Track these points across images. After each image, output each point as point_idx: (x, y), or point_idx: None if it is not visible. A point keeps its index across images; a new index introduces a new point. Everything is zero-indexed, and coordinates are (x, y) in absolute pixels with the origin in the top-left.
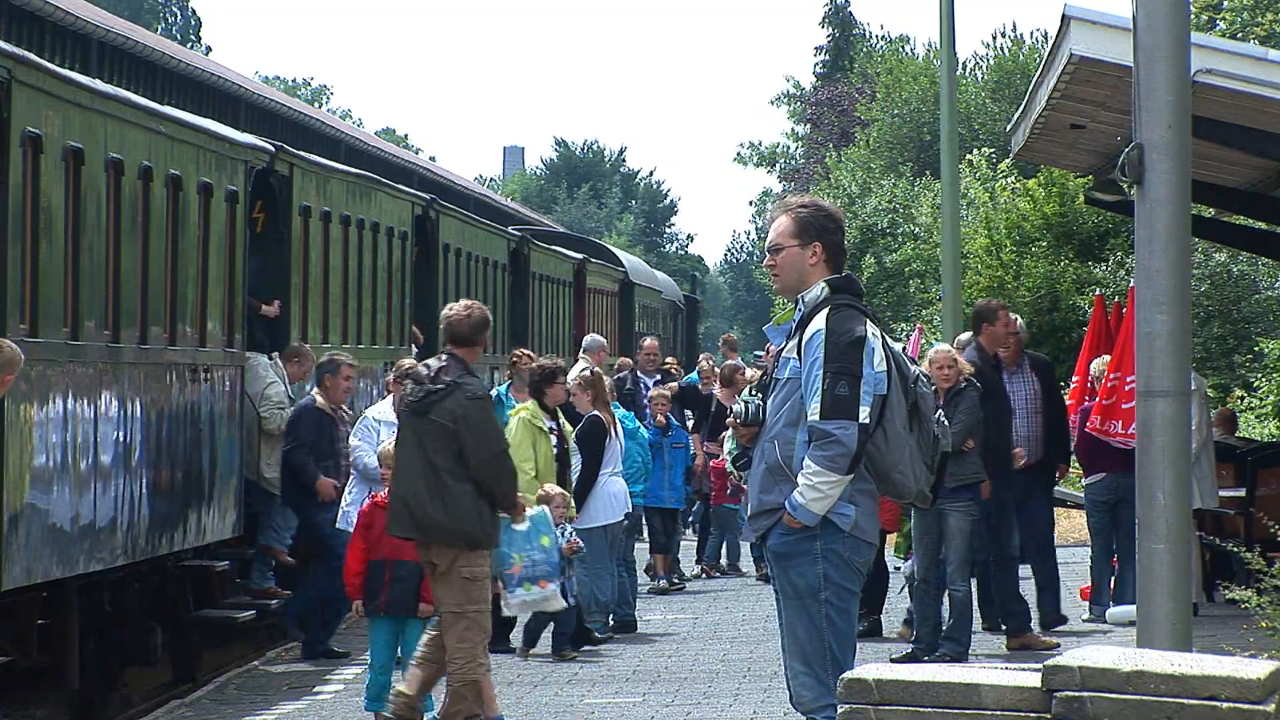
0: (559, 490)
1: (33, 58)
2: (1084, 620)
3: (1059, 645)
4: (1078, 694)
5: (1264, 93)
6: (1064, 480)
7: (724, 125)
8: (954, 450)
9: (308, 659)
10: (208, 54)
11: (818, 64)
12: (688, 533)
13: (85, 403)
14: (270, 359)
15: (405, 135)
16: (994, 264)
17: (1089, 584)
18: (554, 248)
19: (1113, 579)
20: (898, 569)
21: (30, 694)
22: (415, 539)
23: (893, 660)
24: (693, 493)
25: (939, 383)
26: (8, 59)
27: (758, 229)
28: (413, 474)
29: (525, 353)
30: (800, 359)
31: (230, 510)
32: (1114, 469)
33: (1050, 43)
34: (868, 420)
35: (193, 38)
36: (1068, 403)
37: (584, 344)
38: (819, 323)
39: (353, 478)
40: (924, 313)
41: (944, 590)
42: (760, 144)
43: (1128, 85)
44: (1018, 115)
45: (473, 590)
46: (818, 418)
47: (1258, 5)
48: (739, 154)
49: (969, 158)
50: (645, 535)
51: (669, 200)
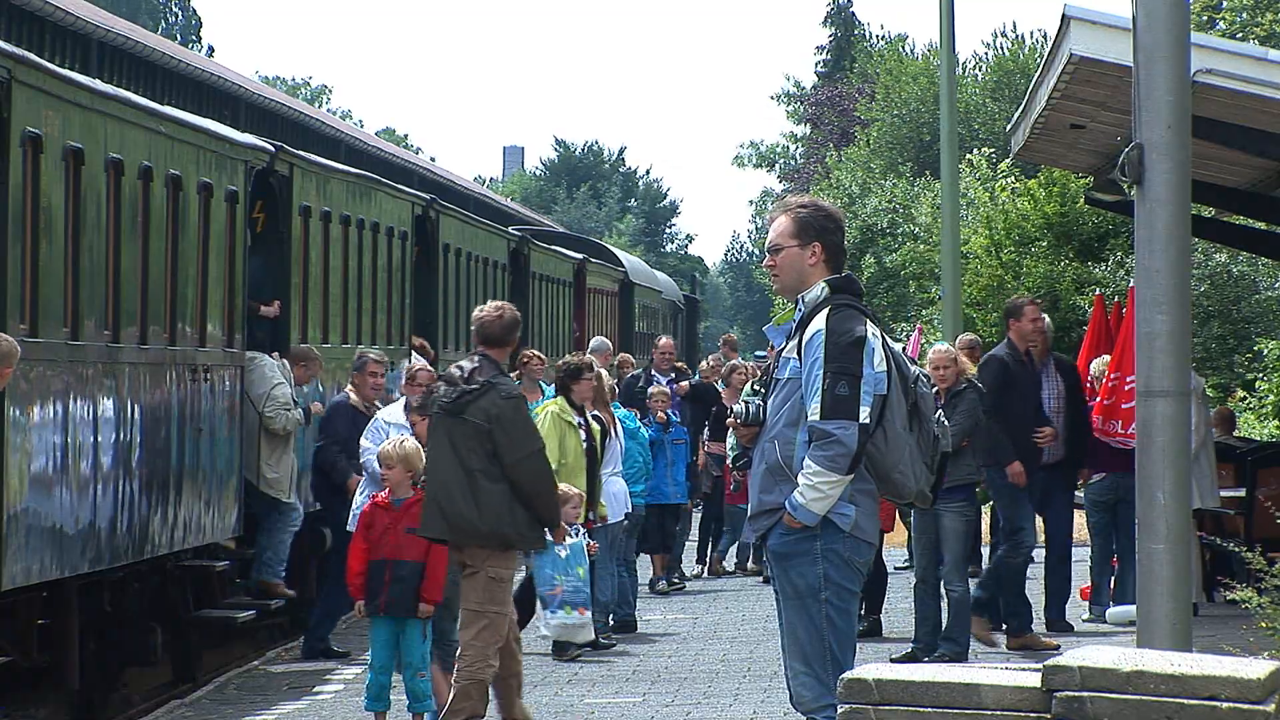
0: (576, 491)
1: (33, 58)
2: (1084, 620)
3: (1059, 646)
4: (1078, 694)
5: (1264, 93)
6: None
7: (724, 125)
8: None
9: (307, 658)
10: (210, 55)
11: (819, 63)
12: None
13: (85, 403)
14: (278, 360)
15: (405, 135)
16: (994, 264)
17: (1089, 584)
18: (554, 248)
19: (1113, 579)
20: (898, 569)
21: (30, 694)
22: (448, 540)
23: (893, 660)
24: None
25: (937, 383)
26: (8, 59)
27: (757, 229)
28: (445, 475)
29: (535, 354)
30: (800, 359)
31: (230, 510)
32: (1114, 469)
33: (1050, 43)
34: (868, 420)
35: (193, 38)
36: None
37: (591, 345)
38: (819, 323)
39: (364, 479)
40: (924, 313)
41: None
42: (761, 143)
43: (1128, 85)
44: (1018, 115)
45: (496, 591)
46: (818, 418)
47: (1258, 5)
48: (738, 155)
49: (969, 158)
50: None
51: (669, 200)
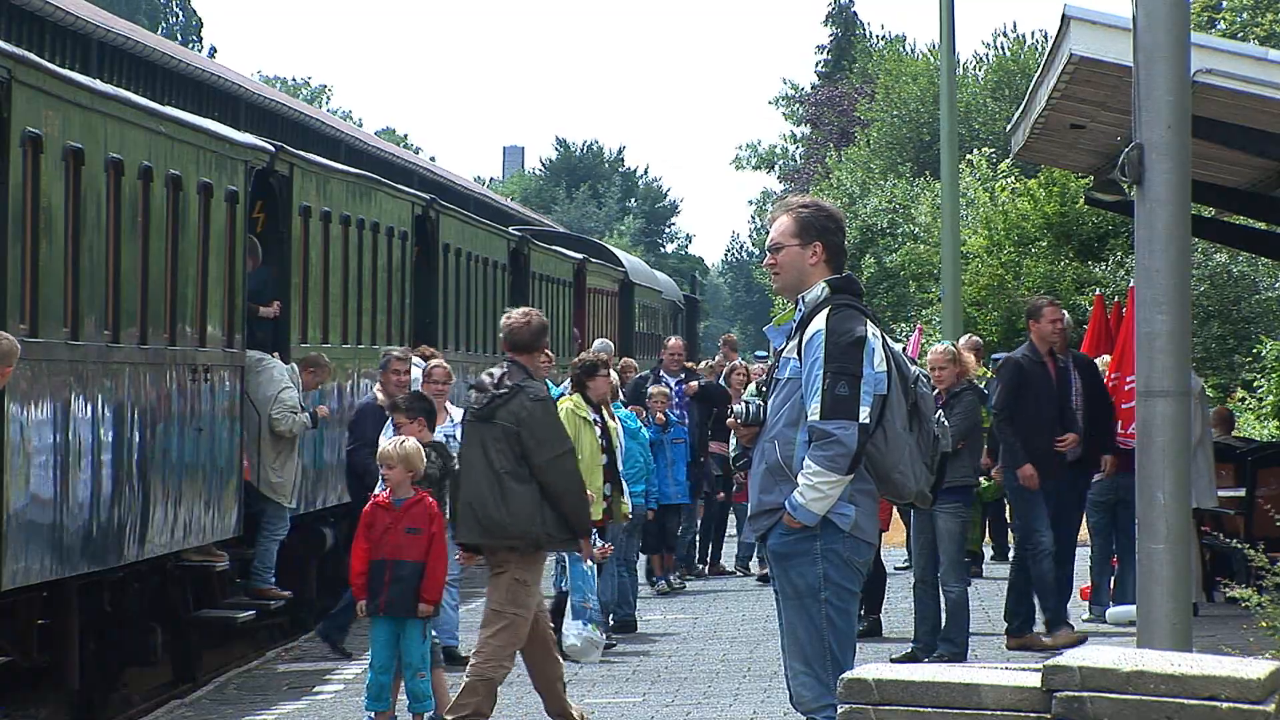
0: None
1: (33, 58)
2: (1084, 620)
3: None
4: (1078, 694)
5: (1264, 93)
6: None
7: (723, 126)
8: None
9: (321, 637)
10: (212, 55)
11: (820, 63)
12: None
13: (85, 402)
14: (288, 365)
15: (405, 135)
16: (994, 264)
17: (1089, 584)
18: (554, 248)
19: (1113, 579)
20: (897, 569)
21: (30, 694)
22: (482, 543)
23: (892, 660)
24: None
25: (935, 383)
26: (8, 59)
27: (756, 229)
28: (477, 479)
29: (543, 353)
30: (800, 359)
31: (230, 510)
32: (1114, 469)
33: (1050, 43)
34: (868, 420)
35: (194, 38)
36: None
37: (593, 346)
38: (819, 323)
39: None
40: (924, 313)
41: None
42: (759, 144)
43: (1128, 85)
44: (1018, 115)
45: (519, 593)
46: (818, 418)
47: (1258, 5)
48: (737, 157)
49: (969, 158)
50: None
51: (669, 200)
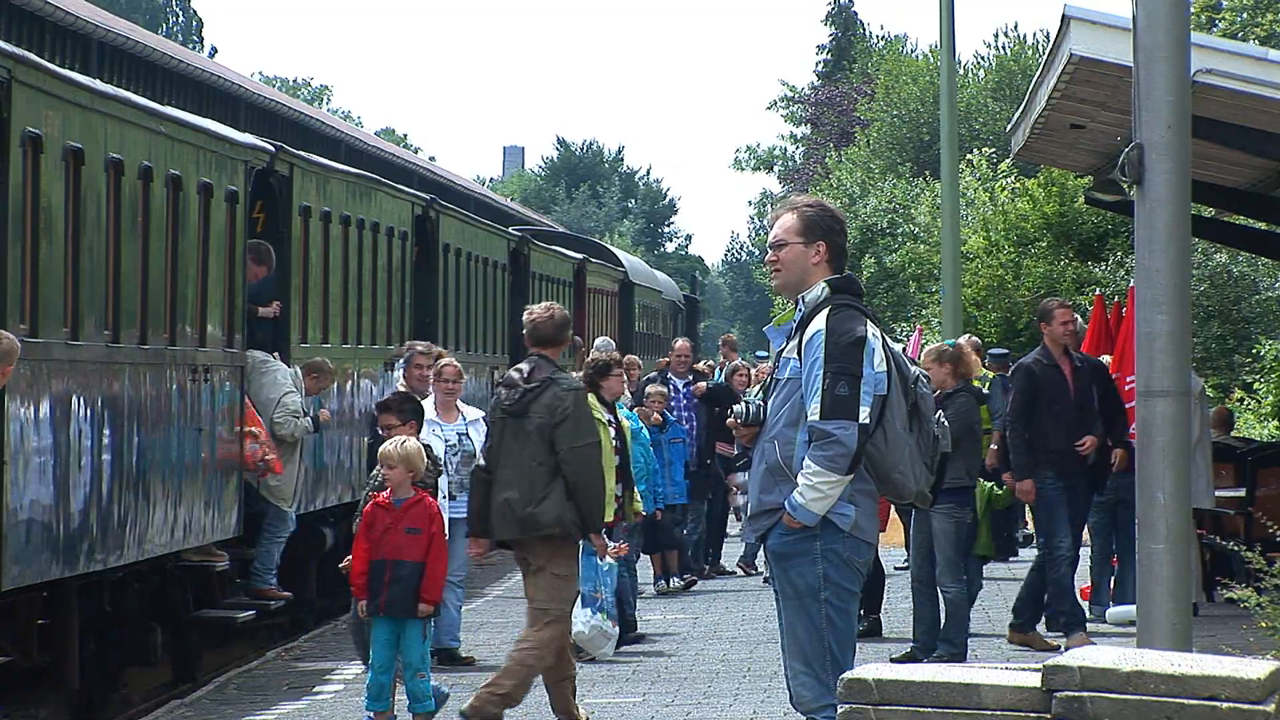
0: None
1: (33, 58)
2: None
3: (1060, 646)
4: (1078, 694)
5: (1264, 93)
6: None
7: (723, 126)
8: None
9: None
10: (212, 56)
11: (819, 63)
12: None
13: (85, 403)
14: (291, 369)
15: (405, 135)
16: (993, 264)
17: (1089, 584)
18: (554, 248)
19: (1112, 579)
20: (897, 569)
21: (30, 694)
22: (520, 538)
23: (892, 660)
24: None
25: None
26: (8, 59)
27: (756, 230)
28: (512, 475)
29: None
30: (800, 359)
31: (230, 510)
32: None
33: (1050, 43)
34: (868, 420)
35: (194, 39)
36: None
37: (595, 345)
38: (819, 323)
39: None
40: (924, 313)
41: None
42: (758, 147)
43: (1128, 85)
44: (1018, 115)
45: (562, 588)
46: (818, 418)
47: (1258, 5)
48: (736, 159)
49: (969, 158)
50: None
51: (669, 200)
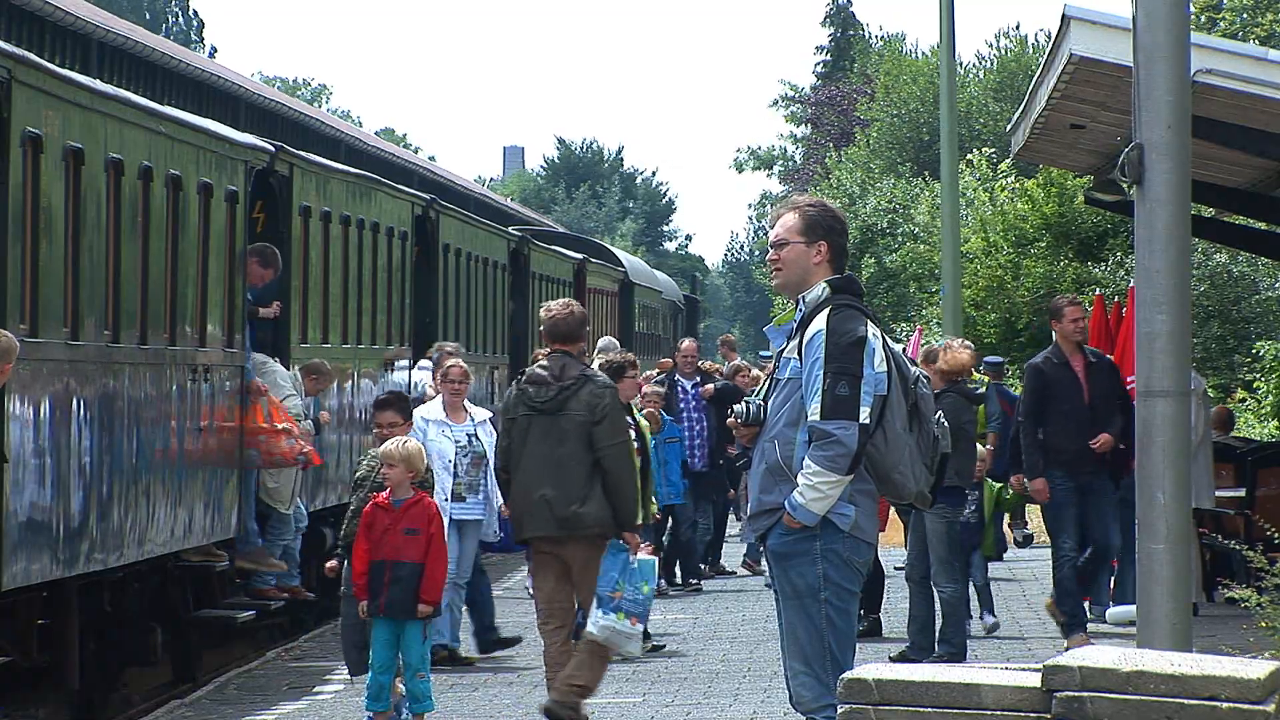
0: None
1: (33, 58)
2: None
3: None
4: (1078, 694)
5: (1264, 93)
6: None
7: (723, 126)
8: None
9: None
10: (212, 56)
11: (819, 64)
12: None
13: (85, 403)
14: (290, 371)
15: (405, 135)
16: (992, 265)
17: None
18: (554, 248)
19: (1112, 579)
20: (897, 569)
21: (30, 694)
22: (556, 535)
23: (892, 660)
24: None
25: None
26: (8, 59)
27: (756, 230)
28: (546, 473)
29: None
30: (801, 359)
31: (230, 510)
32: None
33: (1050, 43)
34: (868, 420)
35: (195, 39)
36: None
37: (599, 345)
38: (820, 323)
39: None
40: (924, 313)
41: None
42: (759, 148)
43: (1128, 85)
44: (1018, 115)
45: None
46: (818, 418)
47: (1258, 5)
48: (736, 160)
49: (969, 158)
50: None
51: (668, 200)
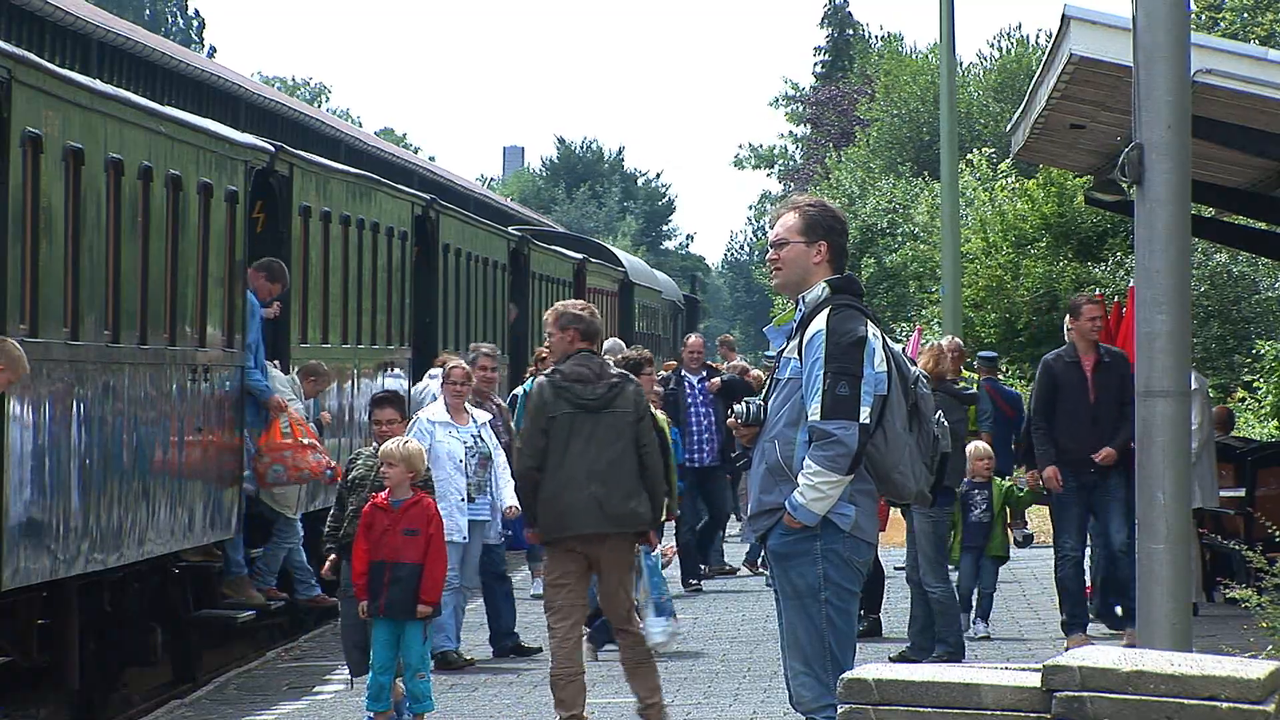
0: None
1: (33, 58)
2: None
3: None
4: (1078, 694)
5: (1264, 93)
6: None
7: (723, 126)
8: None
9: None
10: (211, 56)
11: (817, 64)
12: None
13: (85, 403)
14: (288, 376)
15: (405, 135)
16: (992, 265)
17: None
18: (554, 248)
19: None
20: (897, 569)
21: (30, 694)
22: (601, 533)
23: (892, 660)
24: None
25: None
26: (8, 59)
27: (755, 231)
28: (595, 469)
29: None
30: (801, 359)
31: (230, 511)
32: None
33: (1050, 43)
34: (868, 420)
35: (195, 39)
36: None
37: (606, 346)
38: (820, 323)
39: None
40: (924, 313)
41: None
42: (760, 146)
43: (1128, 85)
44: (1018, 115)
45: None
46: (818, 418)
47: (1258, 5)
48: (737, 157)
49: (969, 157)
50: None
51: (667, 199)
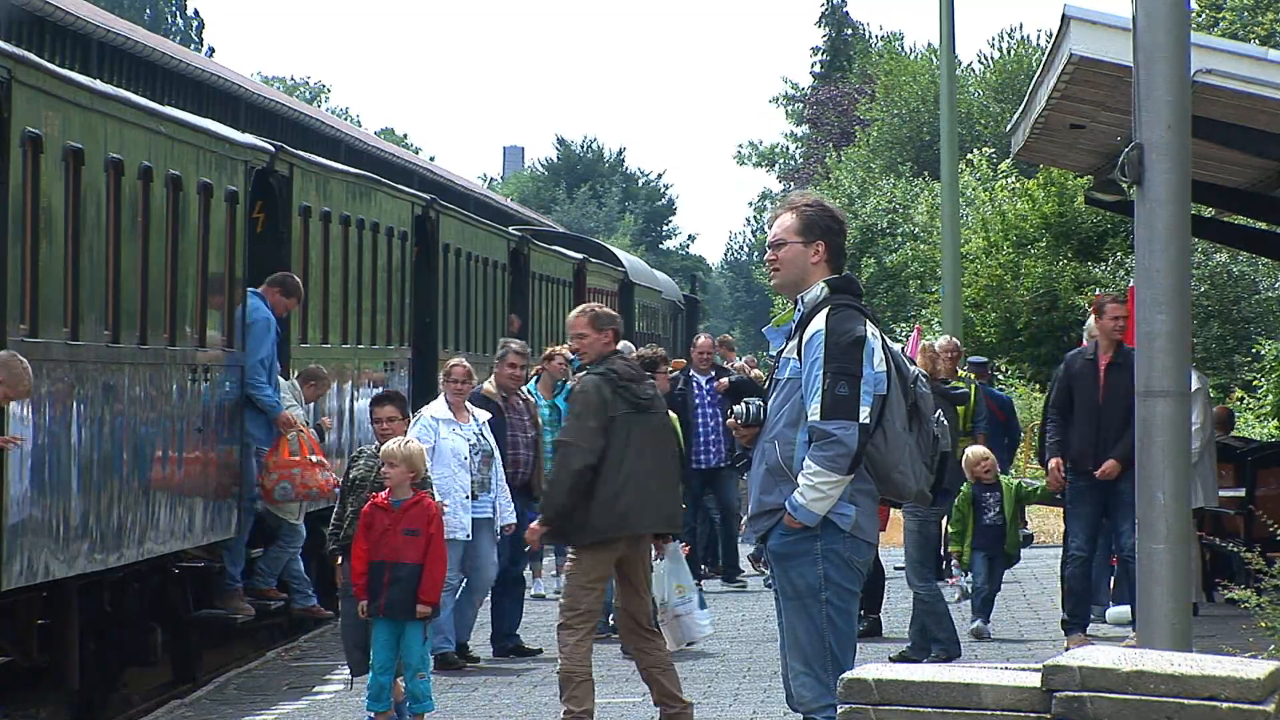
0: None
1: (33, 58)
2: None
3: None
4: (1078, 694)
5: (1264, 93)
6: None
7: (723, 125)
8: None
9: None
10: (210, 55)
11: (815, 64)
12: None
13: (85, 403)
14: (289, 382)
15: (405, 135)
16: (992, 264)
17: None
18: (554, 248)
19: (1112, 579)
20: (897, 569)
21: (30, 694)
22: (655, 533)
23: (892, 660)
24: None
25: None
26: (8, 59)
27: (755, 230)
28: (655, 470)
29: (562, 352)
30: (800, 359)
31: (230, 511)
32: None
33: (1050, 43)
34: (868, 420)
35: (194, 39)
36: None
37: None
38: (819, 323)
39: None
40: (924, 313)
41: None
42: (760, 143)
43: (1128, 85)
44: (1018, 115)
45: None
46: (818, 418)
47: (1258, 5)
48: (739, 153)
49: (969, 157)
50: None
51: (667, 199)
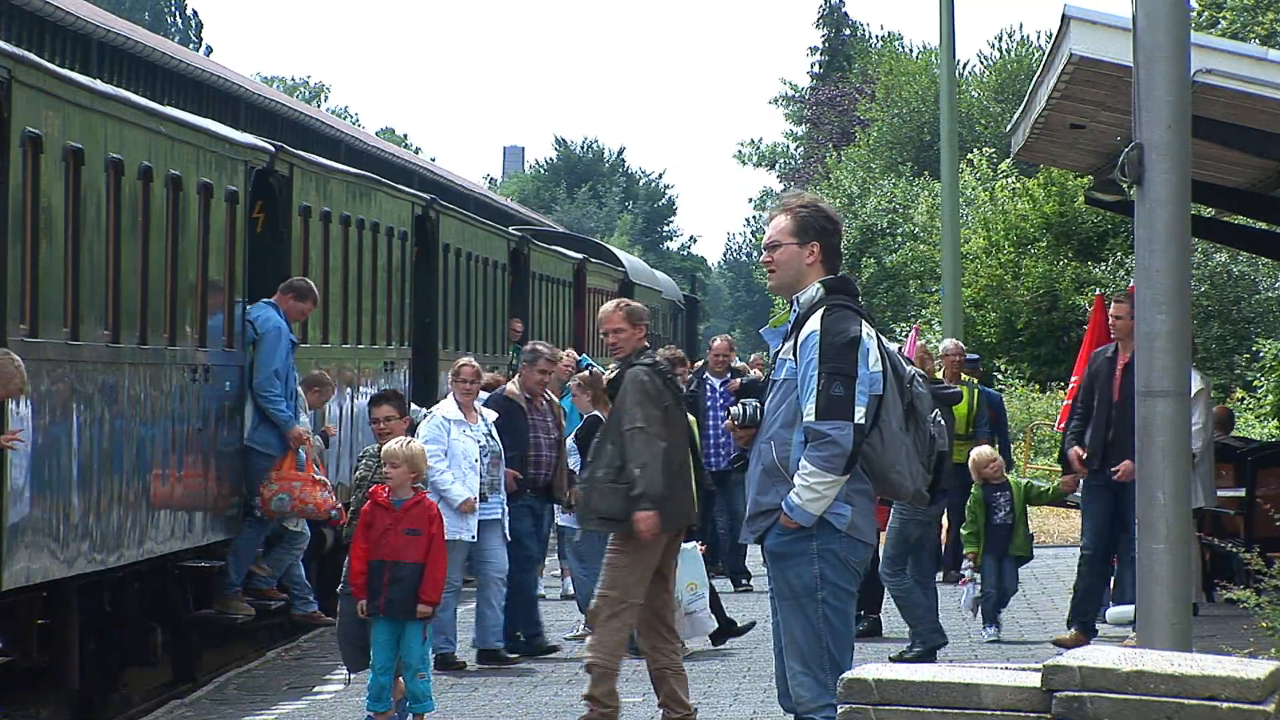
0: None
1: (33, 58)
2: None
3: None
4: (1078, 694)
5: (1264, 93)
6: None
7: (723, 125)
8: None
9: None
10: (208, 55)
11: (814, 64)
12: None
13: (85, 403)
14: None
15: (405, 135)
16: (992, 264)
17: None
18: (554, 248)
19: (1112, 579)
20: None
21: (30, 694)
22: (693, 527)
23: (892, 660)
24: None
25: None
26: (8, 59)
27: (754, 230)
28: (685, 462)
29: (568, 352)
30: (796, 360)
31: (230, 511)
32: None
33: (1050, 43)
34: (863, 420)
35: (194, 40)
36: (1064, 402)
37: None
38: (814, 324)
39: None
40: (923, 313)
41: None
42: (760, 142)
43: (1128, 85)
44: (1018, 115)
45: None
46: (813, 418)
47: (1258, 5)
48: (739, 152)
49: (969, 157)
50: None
51: (667, 199)
